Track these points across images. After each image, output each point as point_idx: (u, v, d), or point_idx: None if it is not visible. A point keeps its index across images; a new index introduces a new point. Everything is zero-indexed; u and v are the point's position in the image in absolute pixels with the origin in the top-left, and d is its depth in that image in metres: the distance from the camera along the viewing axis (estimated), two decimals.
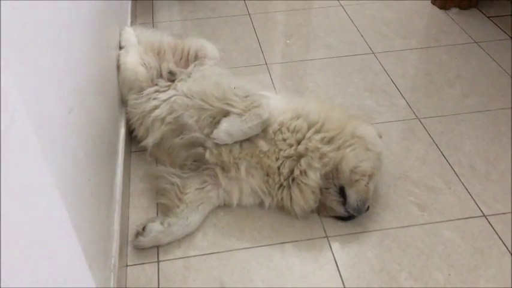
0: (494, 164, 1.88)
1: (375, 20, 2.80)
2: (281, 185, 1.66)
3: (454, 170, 1.85)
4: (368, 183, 1.62)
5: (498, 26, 2.70)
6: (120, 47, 2.02)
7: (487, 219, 1.68)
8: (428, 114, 2.12)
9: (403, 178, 1.83)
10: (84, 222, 1.11)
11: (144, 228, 1.57)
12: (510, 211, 1.70)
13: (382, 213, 1.70)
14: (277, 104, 1.73)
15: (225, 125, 1.62)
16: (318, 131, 1.65)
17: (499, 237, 1.61)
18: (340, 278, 1.50)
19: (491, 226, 1.65)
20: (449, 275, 1.51)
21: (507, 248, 1.58)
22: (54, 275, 0.81)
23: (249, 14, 2.84)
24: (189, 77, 1.85)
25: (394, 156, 1.91)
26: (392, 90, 2.27)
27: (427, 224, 1.66)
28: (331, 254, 1.57)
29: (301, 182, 1.62)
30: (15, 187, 0.63)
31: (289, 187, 1.64)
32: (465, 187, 1.79)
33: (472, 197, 1.75)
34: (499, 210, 1.70)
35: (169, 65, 1.90)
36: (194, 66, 1.91)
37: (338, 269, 1.53)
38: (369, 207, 1.64)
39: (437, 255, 1.57)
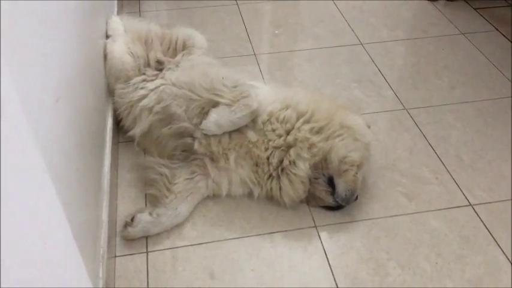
0: (480, 154, 1.90)
1: (363, 10, 2.80)
2: (270, 175, 1.66)
3: (441, 160, 1.87)
4: (356, 173, 1.63)
5: (484, 18, 2.72)
6: (107, 36, 1.99)
7: (473, 208, 1.70)
8: (416, 104, 2.13)
9: (391, 168, 1.84)
10: (73, 212, 1.09)
11: (132, 219, 1.56)
12: (495, 200, 1.73)
13: (370, 203, 1.71)
14: (266, 95, 1.73)
15: (214, 115, 1.62)
16: (307, 122, 1.65)
17: (485, 226, 1.64)
18: (329, 267, 1.51)
19: (477, 215, 1.67)
20: (437, 263, 1.53)
21: (492, 237, 1.61)
22: (48, 265, 0.80)
23: (237, 4, 2.83)
24: (177, 66, 1.83)
25: (382, 147, 1.92)
26: (380, 81, 2.28)
27: (414, 213, 1.68)
28: (320, 244, 1.58)
29: (291, 172, 1.62)
30: (8, 173, 0.62)
31: (279, 177, 1.64)
32: (452, 177, 1.81)
33: (458, 187, 1.77)
34: (485, 200, 1.73)
35: (157, 54, 1.88)
36: (182, 56, 1.89)
37: (327, 258, 1.54)
38: (357, 197, 1.65)
39: (424, 244, 1.59)
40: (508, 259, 1.54)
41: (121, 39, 1.93)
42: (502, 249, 1.57)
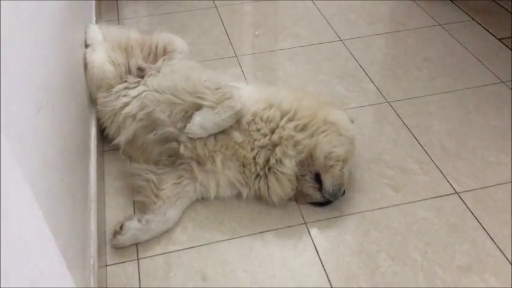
0: (463, 142, 1.93)
1: (341, 7, 2.82)
2: (258, 175, 1.67)
3: (425, 150, 1.90)
4: (342, 168, 1.64)
5: (460, 8, 2.76)
6: (86, 46, 1.98)
7: (459, 196, 1.72)
8: (398, 97, 2.16)
9: (377, 161, 1.86)
10: (60, 223, 1.09)
11: (121, 227, 1.55)
12: (481, 187, 1.75)
13: (358, 197, 1.72)
14: (249, 95, 1.73)
15: (198, 118, 1.62)
16: (290, 119, 1.66)
17: (472, 213, 1.66)
18: (320, 263, 1.52)
19: (464, 202, 1.70)
20: (426, 252, 1.55)
21: (479, 223, 1.63)
22: (33, 278, 0.80)
23: (216, 7, 2.83)
24: (158, 72, 1.83)
25: (366, 140, 1.94)
26: (362, 75, 2.30)
27: (402, 204, 1.70)
28: (311, 240, 1.59)
29: (277, 170, 1.63)
30: None
31: (266, 176, 1.65)
32: (437, 166, 1.83)
33: (444, 176, 1.79)
34: (470, 187, 1.75)
35: (138, 61, 1.87)
36: (163, 61, 1.88)
37: (318, 254, 1.55)
38: (344, 191, 1.66)
39: (413, 234, 1.60)
40: (495, 244, 1.56)
41: (101, 48, 1.92)
42: (489, 235, 1.59)
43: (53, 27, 1.43)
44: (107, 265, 1.52)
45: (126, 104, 1.76)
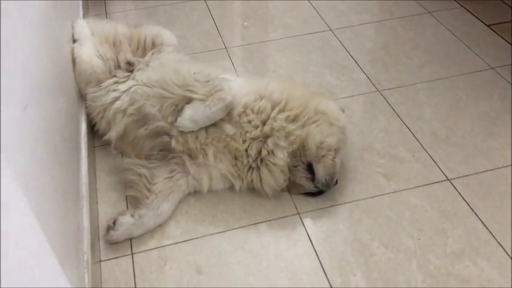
0: (454, 129, 1.94)
1: None
2: (250, 167, 1.67)
3: (416, 138, 1.90)
4: (334, 157, 1.64)
5: None
6: (74, 41, 1.96)
7: (450, 182, 1.73)
8: (388, 85, 2.16)
9: (368, 150, 1.86)
10: (52, 221, 1.08)
11: (114, 222, 1.55)
12: (472, 173, 1.76)
13: (351, 186, 1.73)
14: (240, 87, 1.73)
15: (188, 112, 1.61)
16: (282, 110, 1.66)
17: (463, 199, 1.67)
18: (314, 252, 1.53)
19: (455, 189, 1.71)
20: (419, 239, 1.56)
21: (471, 208, 1.64)
22: (25, 277, 0.79)
23: None
24: (147, 65, 1.82)
25: (358, 129, 1.95)
26: (352, 65, 2.30)
27: (394, 192, 1.71)
28: (304, 230, 1.60)
29: (270, 162, 1.63)
30: None
31: (258, 168, 1.65)
32: (428, 153, 1.84)
33: (435, 163, 1.80)
34: (462, 173, 1.76)
35: (127, 55, 1.86)
36: (152, 55, 1.87)
37: (312, 244, 1.55)
38: (337, 181, 1.66)
39: (406, 221, 1.61)
40: (487, 228, 1.58)
41: (89, 43, 1.90)
42: (481, 220, 1.60)
43: (40, 23, 1.41)
44: (100, 261, 1.51)
45: (116, 99, 1.75)
